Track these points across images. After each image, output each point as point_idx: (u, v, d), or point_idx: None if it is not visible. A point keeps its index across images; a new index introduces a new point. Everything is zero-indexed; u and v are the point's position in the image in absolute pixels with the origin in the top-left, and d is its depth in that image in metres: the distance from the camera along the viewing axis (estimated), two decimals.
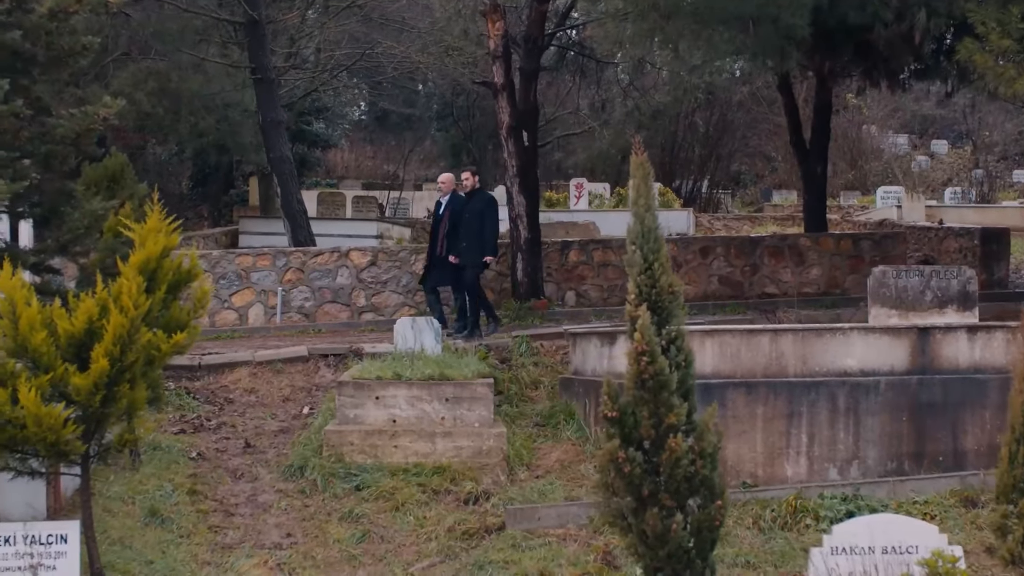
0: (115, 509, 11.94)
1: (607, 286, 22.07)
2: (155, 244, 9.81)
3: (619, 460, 8.75)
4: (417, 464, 13.19)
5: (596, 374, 14.45)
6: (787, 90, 23.93)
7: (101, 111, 10.77)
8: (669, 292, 8.96)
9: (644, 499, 8.88)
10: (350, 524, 12.11)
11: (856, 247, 23.21)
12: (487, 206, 18.10)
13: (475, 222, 17.84)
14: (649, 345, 8.68)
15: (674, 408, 8.80)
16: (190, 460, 13.66)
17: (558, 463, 13.57)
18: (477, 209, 17.93)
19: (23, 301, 9.40)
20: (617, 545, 11.20)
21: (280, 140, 24.76)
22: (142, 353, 9.62)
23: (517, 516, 11.92)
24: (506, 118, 20.71)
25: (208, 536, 11.81)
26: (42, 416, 9.16)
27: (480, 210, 17.92)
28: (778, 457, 12.78)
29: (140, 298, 9.50)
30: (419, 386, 13.63)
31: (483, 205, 18.04)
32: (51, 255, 10.83)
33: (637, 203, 8.98)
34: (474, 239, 17.83)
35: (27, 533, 9.73)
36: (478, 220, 17.85)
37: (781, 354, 13.00)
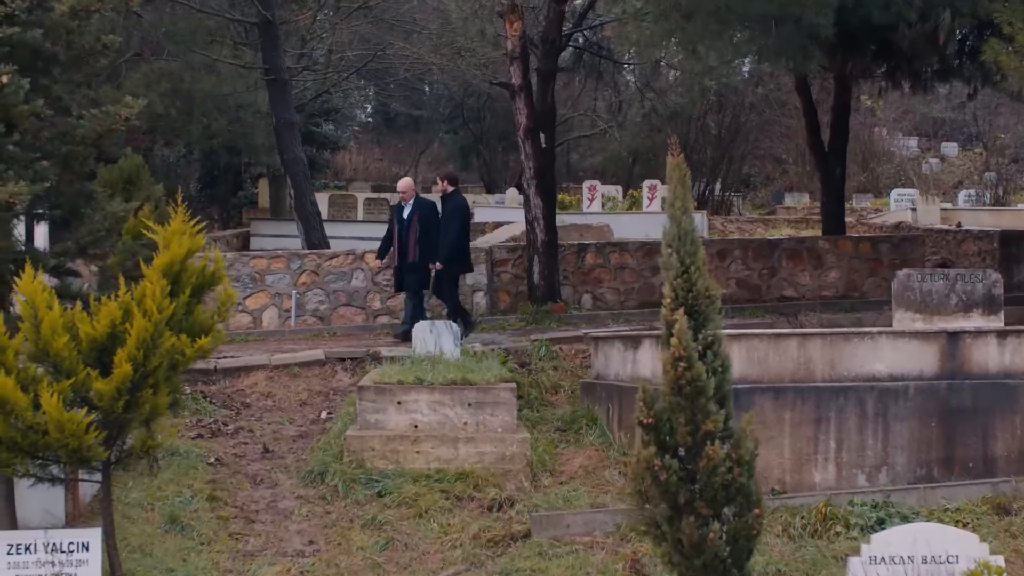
0: (134, 516, 11.77)
1: (624, 289, 21.88)
2: (179, 246, 9.63)
3: (655, 468, 8.57)
4: (439, 470, 13.00)
5: (620, 379, 14.27)
6: (805, 91, 23.75)
7: (123, 111, 10.56)
8: (706, 296, 8.79)
9: (680, 507, 8.70)
10: (373, 531, 11.93)
11: (875, 250, 23.02)
12: (454, 211, 17.75)
13: (447, 228, 17.62)
14: (686, 350, 8.50)
15: (711, 414, 8.63)
16: (208, 466, 13.47)
17: (582, 469, 13.38)
18: (448, 213, 17.71)
19: (45, 305, 9.22)
20: (646, 553, 11.03)
21: (294, 142, 24.60)
22: (166, 358, 9.44)
23: (543, 523, 11.73)
24: (524, 119, 20.53)
25: (229, 543, 11.63)
26: (64, 422, 8.98)
27: (449, 215, 17.68)
28: (806, 463, 12.59)
29: (164, 302, 9.32)
30: (441, 391, 13.45)
31: (452, 209, 17.73)
32: (71, 257, 10.62)
33: (673, 205, 8.81)
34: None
35: (48, 541, 9.59)
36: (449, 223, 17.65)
37: (809, 359, 12.81)
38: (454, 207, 17.80)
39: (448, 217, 17.61)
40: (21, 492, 10.59)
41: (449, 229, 17.54)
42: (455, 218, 17.67)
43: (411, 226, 17.65)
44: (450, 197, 17.88)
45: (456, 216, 17.71)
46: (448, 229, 17.53)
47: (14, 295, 9.47)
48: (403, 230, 17.72)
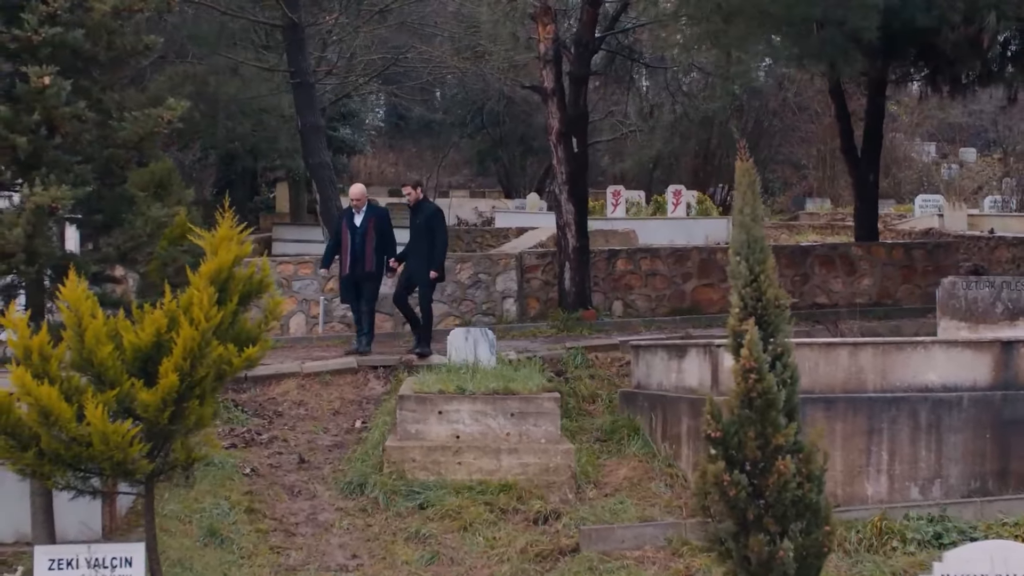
0: (172, 528, 11.48)
1: (655, 296, 21.58)
2: (227, 253, 9.33)
3: (724, 483, 8.26)
4: (482, 481, 12.72)
5: (663, 388, 13.97)
6: (839, 96, 23.44)
7: (165, 114, 10.29)
8: (776, 305, 8.49)
9: (747, 524, 8.40)
10: (418, 545, 11.64)
11: (908, 256, 22.69)
12: (433, 218, 16.66)
13: (423, 237, 16.54)
14: (757, 362, 8.20)
15: (781, 428, 8.33)
16: (244, 476, 13.19)
17: (626, 480, 13.08)
18: (422, 223, 16.58)
19: (88, 313, 8.94)
20: (699, 568, 10.76)
21: (319, 145, 24.31)
22: (213, 368, 9.14)
23: (592, 537, 11.42)
24: (556, 123, 20.24)
25: (270, 557, 11.34)
26: (109, 434, 8.69)
27: (426, 224, 16.54)
28: (858, 476, 12.27)
29: (212, 310, 9.03)
30: (483, 400, 13.16)
31: (428, 218, 16.60)
32: (111, 264, 10.36)
33: (742, 211, 8.51)
34: (423, 255, 16.54)
35: (91, 556, 9.27)
36: (427, 235, 16.51)
37: (860, 368, 12.51)
38: (436, 213, 16.88)
39: (435, 224, 16.54)
40: (58, 505, 10.32)
41: (439, 237, 16.58)
42: (442, 225, 16.78)
43: (367, 234, 16.75)
44: (422, 205, 16.86)
45: (443, 222, 16.88)
46: (438, 237, 16.56)
47: (57, 302, 9.15)
48: (357, 238, 16.76)
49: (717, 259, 21.96)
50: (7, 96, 9.63)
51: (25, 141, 9.43)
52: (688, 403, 12.93)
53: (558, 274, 20.75)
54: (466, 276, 20.69)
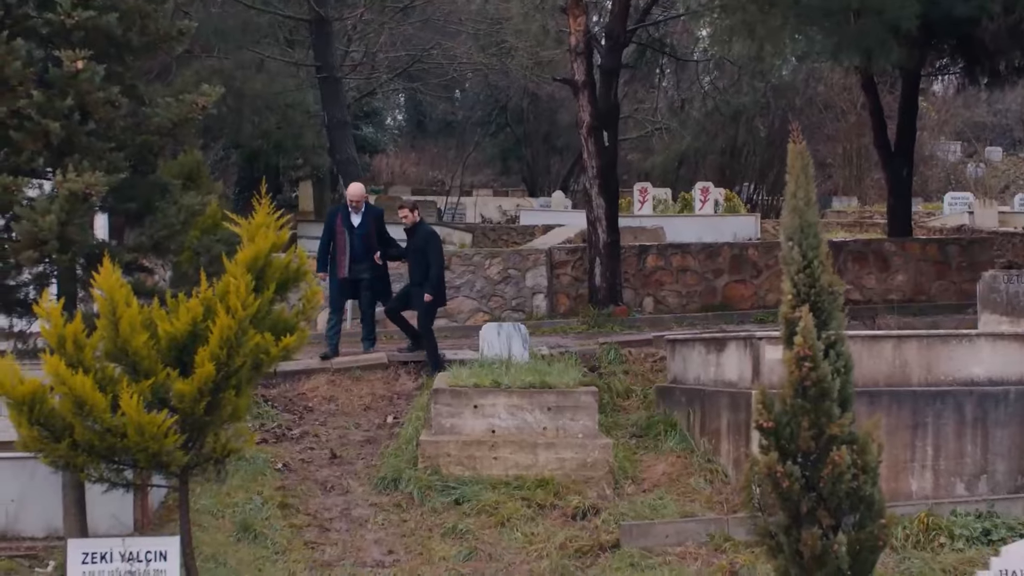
0: (205, 523, 11.29)
1: (686, 292, 21.33)
2: (264, 240, 9.14)
3: (777, 474, 8.02)
4: (518, 477, 12.49)
5: (700, 383, 13.73)
6: (872, 90, 23.17)
7: (199, 100, 10.10)
8: (829, 292, 8.25)
9: (801, 517, 8.16)
10: (454, 540, 11.41)
11: (942, 252, 22.38)
12: (428, 242, 16.12)
13: (422, 260, 15.94)
14: (812, 349, 7.96)
15: (835, 418, 8.09)
16: (276, 472, 13.01)
17: (665, 476, 12.84)
18: (418, 247, 16.04)
19: (123, 301, 8.76)
20: (743, 564, 10.54)
21: (346, 141, 24.17)
22: (249, 357, 8.95)
23: (633, 533, 11.19)
24: (587, 117, 20.01)
25: (305, 553, 11.14)
26: (144, 424, 8.50)
27: (422, 247, 15.99)
28: (903, 471, 12.03)
29: (248, 298, 8.84)
30: (519, 394, 12.94)
31: (423, 242, 16.07)
32: (144, 253, 10.14)
33: (795, 196, 8.27)
34: (419, 279, 15.92)
35: (125, 550, 9.08)
36: (423, 258, 15.93)
37: (905, 362, 12.27)
38: (432, 235, 16.49)
39: (432, 246, 16.06)
40: (90, 498, 10.14)
41: (434, 260, 15.99)
42: (438, 247, 16.41)
43: (368, 235, 16.22)
44: (418, 227, 16.28)
45: (439, 245, 16.55)
46: (433, 260, 15.96)
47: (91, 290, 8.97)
48: (356, 239, 16.17)
49: (748, 255, 21.74)
50: (40, 82, 9.44)
51: (58, 127, 9.24)
52: (728, 397, 12.70)
53: (588, 270, 20.53)
54: (496, 272, 20.50)
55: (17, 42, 9.26)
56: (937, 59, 20.19)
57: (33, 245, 9.22)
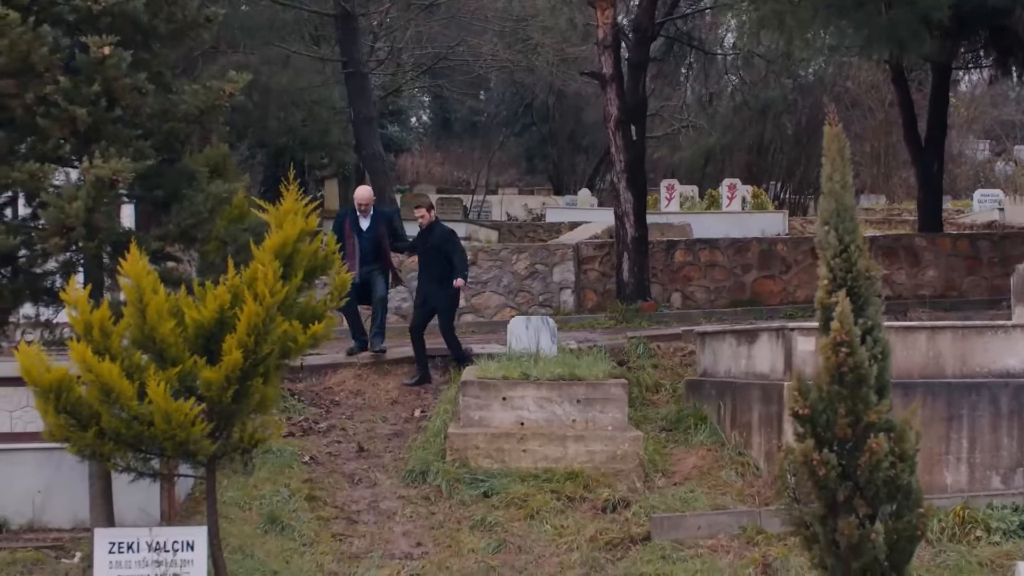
0: (232, 515, 11.20)
1: (714, 287, 21.20)
2: (292, 227, 9.03)
3: (813, 462, 7.87)
4: (547, 469, 12.38)
5: (731, 375, 13.59)
6: (902, 83, 22.97)
7: (226, 87, 10.02)
8: (866, 277, 8.10)
9: (838, 505, 8.01)
10: (483, 533, 11.30)
11: (973, 247, 22.17)
12: (447, 242, 15.87)
13: (438, 258, 15.71)
14: (848, 335, 7.81)
15: (873, 405, 7.94)
16: (304, 464, 12.93)
17: (696, 469, 12.71)
18: (434, 247, 15.79)
19: (150, 288, 8.66)
20: (776, 557, 10.37)
21: (372, 137, 24.07)
22: (277, 345, 8.83)
23: (664, 525, 11.05)
24: (614, 111, 19.89)
25: (332, 545, 11.04)
26: (171, 412, 8.39)
27: (439, 248, 15.74)
28: (937, 464, 11.86)
29: (276, 285, 8.72)
30: (548, 386, 12.82)
31: (441, 242, 15.80)
32: (171, 241, 10.05)
33: (831, 179, 8.12)
34: (437, 279, 15.63)
35: (152, 540, 9.00)
36: (441, 256, 15.70)
37: (939, 353, 12.11)
38: (450, 236, 16.13)
39: (450, 248, 15.73)
40: (117, 489, 10.07)
41: (460, 253, 15.93)
42: (457, 245, 16.09)
43: (378, 240, 15.87)
44: (434, 227, 16.00)
45: (458, 243, 16.21)
46: (460, 253, 15.90)
47: (118, 277, 8.88)
48: (366, 243, 15.80)
49: (777, 250, 21.58)
50: (66, 68, 9.35)
51: (85, 113, 9.14)
52: (759, 389, 12.55)
53: (616, 265, 20.41)
54: (523, 267, 20.41)
55: (43, 28, 9.17)
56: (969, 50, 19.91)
57: (60, 232, 9.14)
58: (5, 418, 11.14)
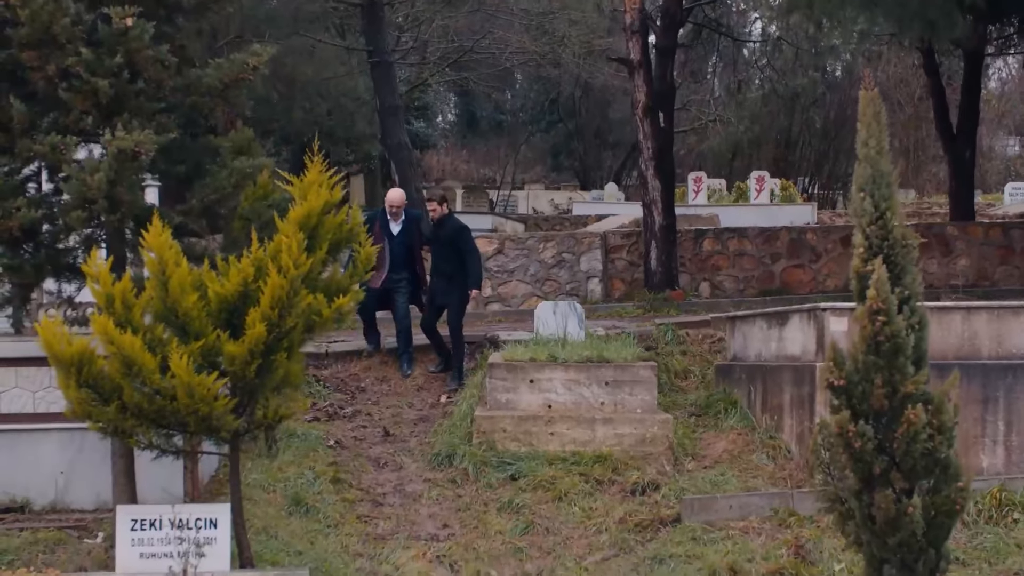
0: (256, 497, 11.07)
1: (743, 277, 20.98)
2: (316, 198, 8.89)
3: (849, 434, 7.68)
4: (575, 452, 12.20)
5: (762, 359, 13.39)
6: (933, 71, 22.71)
7: (250, 60, 9.91)
8: (903, 245, 7.90)
9: (874, 479, 7.81)
10: (511, 515, 11.14)
11: (1006, 236, 21.87)
12: (459, 238, 15.14)
13: (450, 254, 15.03)
14: (885, 303, 7.61)
15: (910, 376, 7.75)
16: (328, 448, 12.79)
17: (726, 453, 12.51)
18: (446, 241, 15.09)
19: (173, 261, 8.54)
20: (809, 538, 10.19)
21: (398, 126, 23.91)
22: (302, 318, 8.69)
23: (694, 507, 10.87)
24: (642, 97, 19.69)
25: (358, 526, 10.90)
26: (194, 386, 8.27)
27: (451, 242, 15.04)
28: (973, 446, 11.62)
29: (301, 257, 8.58)
30: (576, 368, 12.64)
31: (453, 237, 15.08)
32: (195, 217, 9.91)
33: (867, 144, 7.93)
34: (448, 275, 14.99)
35: (175, 516, 8.86)
36: (452, 254, 15.00)
37: (974, 334, 11.88)
38: (463, 231, 15.37)
39: (463, 244, 15.06)
40: (139, 469, 9.96)
41: (473, 253, 15.23)
42: (471, 242, 15.36)
43: (411, 244, 15.26)
44: (446, 221, 15.29)
45: (471, 240, 15.45)
46: (470, 257, 15.08)
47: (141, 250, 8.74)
48: (397, 247, 15.12)
49: (807, 239, 21.37)
50: (88, 41, 9.23)
51: (107, 84, 9.04)
52: (791, 371, 12.35)
53: (644, 253, 20.21)
54: (550, 255, 20.25)
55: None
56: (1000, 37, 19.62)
57: (82, 205, 9.04)
58: (28, 398, 11.04)
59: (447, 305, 15.10)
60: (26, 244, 9.56)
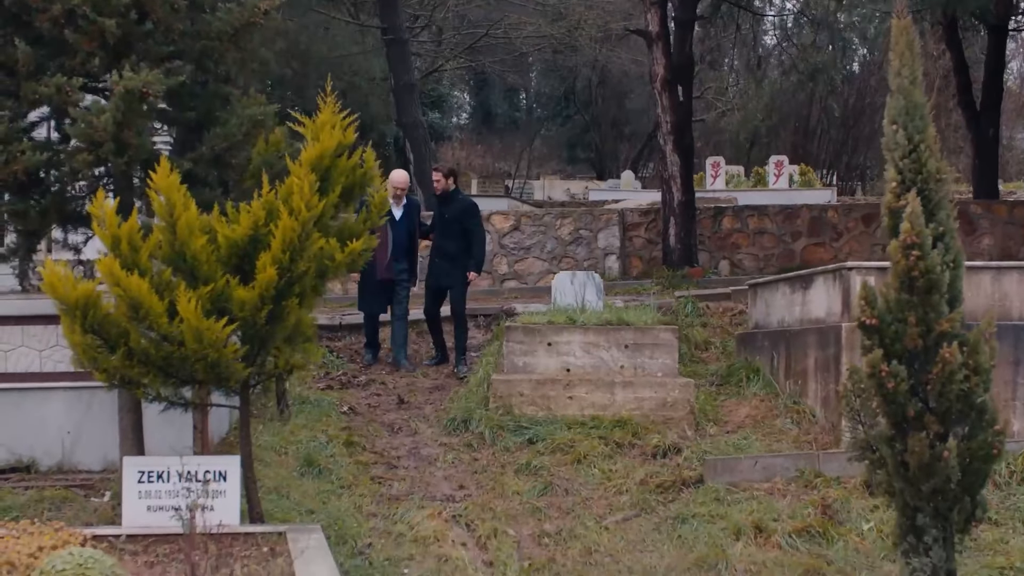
0: (267, 459, 10.78)
1: (763, 255, 20.68)
2: (329, 139, 8.61)
3: (881, 374, 7.37)
4: (594, 417, 11.92)
5: (785, 324, 13.09)
6: (956, 46, 22.36)
7: (262, 3, 9.66)
8: (937, 179, 7.61)
9: (907, 423, 7.51)
10: (529, 476, 10.85)
11: None
12: (467, 216, 14.48)
13: (456, 234, 14.35)
14: (919, 236, 7.31)
15: (945, 314, 7.45)
16: (342, 415, 12.55)
17: (749, 419, 12.22)
18: (453, 219, 14.41)
19: (181, 203, 8.25)
20: (836, 499, 9.87)
21: (413, 104, 23.65)
22: (314, 263, 8.40)
23: (717, 468, 10.56)
24: (661, 70, 19.39)
25: (371, 487, 10.61)
26: (203, 331, 7.98)
27: (458, 220, 14.38)
28: (1004, 409, 11.19)
29: (313, 199, 8.29)
30: (595, 331, 12.37)
31: (461, 214, 14.43)
32: (205, 166, 9.64)
33: (900, 74, 7.63)
34: (452, 255, 14.32)
35: (183, 468, 8.57)
36: (459, 233, 14.35)
37: (1004, 295, 11.58)
38: (473, 207, 14.85)
39: (470, 223, 14.43)
40: (148, 426, 9.70)
41: (479, 234, 14.58)
42: (480, 221, 14.84)
43: (411, 231, 14.55)
44: (453, 196, 14.62)
45: (480, 219, 14.91)
46: (476, 236, 14.46)
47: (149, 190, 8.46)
48: (401, 234, 14.35)
49: (828, 217, 21.06)
50: None
51: (114, 24, 8.78)
52: (816, 334, 12.04)
53: (662, 230, 19.92)
54: (567, 232, 19.98)
55: None
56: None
57: (88, 147, 8.78)
58: (34, 357, 10.81)
59: (450, 287, 14.43)
60: (32, 191, 9.30)
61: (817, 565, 8.82)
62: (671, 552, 9.23)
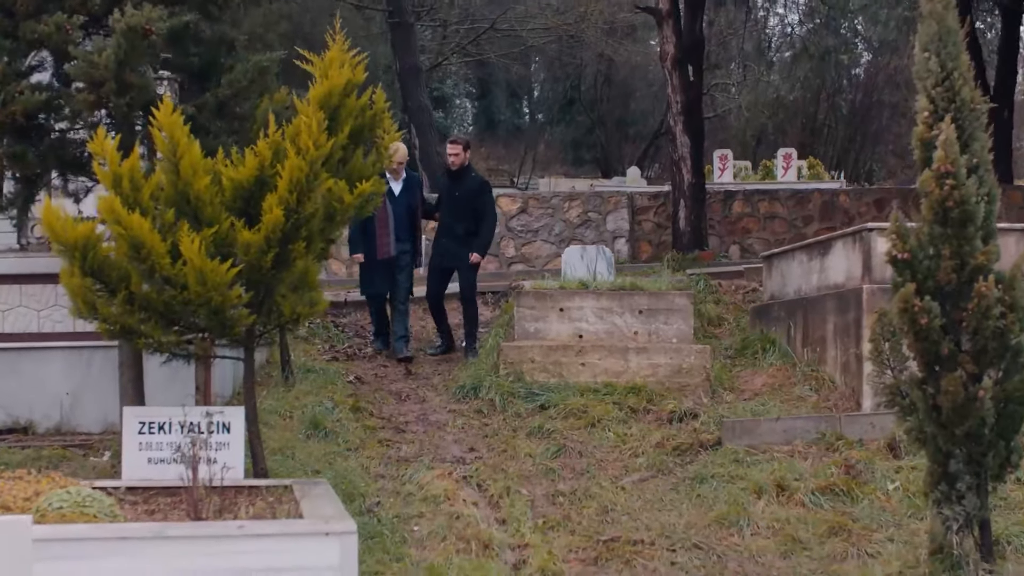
0: (272, 422, 10.50)
1: (774, 240, 20.33)
2: (338, 77, 8.30)
3: (914, 309, 7.06)
4: (607, 383, 11.61)
5: (802, 293, 12.78)
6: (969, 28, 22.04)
7: None
8: (971, 109, 7.32)
9: (940, 362, 7.21)
10: (541, 439, 10.56)
11: None
12: (480, 195, 13.78)
13: (466, 212, 13.61)
14: (954, 165, 7.02)
15: (980, 249, 7.14)
16: (348, 383, 12.27)
17: (766, 386, 11.92)
18: (464, 197, 13.65)
19: (185, 141, 7.93)
20: (859, 459, 9.56)
21: (419, 88, 23.37)
22: (321, 205, 8.07)
23: (736, 430, 10.25)
24: (671, 49, 19.08)
25: (379, 450, 10.31)
26: (207, 272, 7.65)
27: (469, 199, 13.63)
28: None
29: (321, 137, 7.97)
30: (608, 296, 12.07)
31: (473, 193, 13.69)
32: (209, 114, 9.34)
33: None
34: (462, 235, 13.57)
35: (185, 419, 8.24)
36: (470, 209, 13.63)
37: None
38: (487, 185, 14.28)
39: (482, 202, 13.76)
40: (148, 387, 9.40)
41: (491, 215, 13.96)
42: (491, 201, 14.20)
43: (412, 209, 13.64)
44: (466, 172, 13.87)
45: (491, 198, 14.27)
46: (487, 216, 13.79)
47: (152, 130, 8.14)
48: (401, 210, 13.42)
49: (840, 202, 20.78)
50: None
51: None
52: (835, 299, 11.73)
53: (672, 213, 19.63)
54: (575, 215, 19.71)
55: None
56: None
57: (89, 87, 8.49)
58: (32, 317, 10.56)
59: (457, 268, 13.74)
60: (31, 135, 9.01)
61: (843, 522, 8.49)
62: (690, 510, 8.92)
